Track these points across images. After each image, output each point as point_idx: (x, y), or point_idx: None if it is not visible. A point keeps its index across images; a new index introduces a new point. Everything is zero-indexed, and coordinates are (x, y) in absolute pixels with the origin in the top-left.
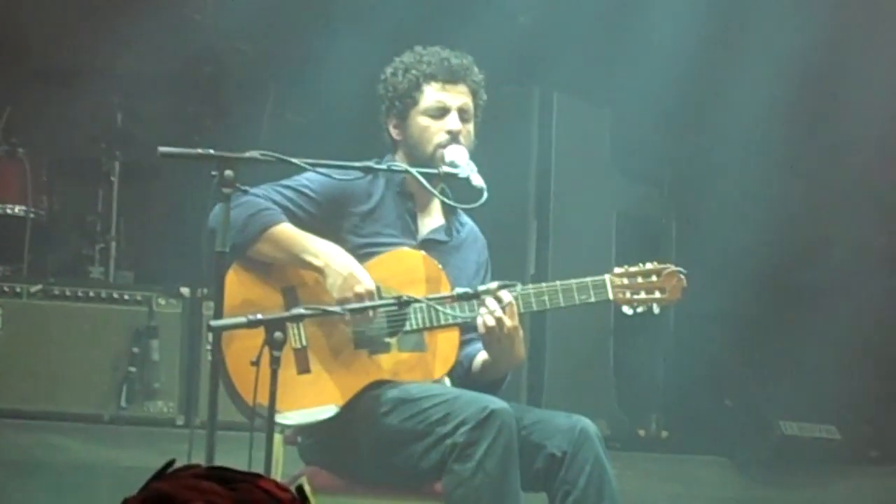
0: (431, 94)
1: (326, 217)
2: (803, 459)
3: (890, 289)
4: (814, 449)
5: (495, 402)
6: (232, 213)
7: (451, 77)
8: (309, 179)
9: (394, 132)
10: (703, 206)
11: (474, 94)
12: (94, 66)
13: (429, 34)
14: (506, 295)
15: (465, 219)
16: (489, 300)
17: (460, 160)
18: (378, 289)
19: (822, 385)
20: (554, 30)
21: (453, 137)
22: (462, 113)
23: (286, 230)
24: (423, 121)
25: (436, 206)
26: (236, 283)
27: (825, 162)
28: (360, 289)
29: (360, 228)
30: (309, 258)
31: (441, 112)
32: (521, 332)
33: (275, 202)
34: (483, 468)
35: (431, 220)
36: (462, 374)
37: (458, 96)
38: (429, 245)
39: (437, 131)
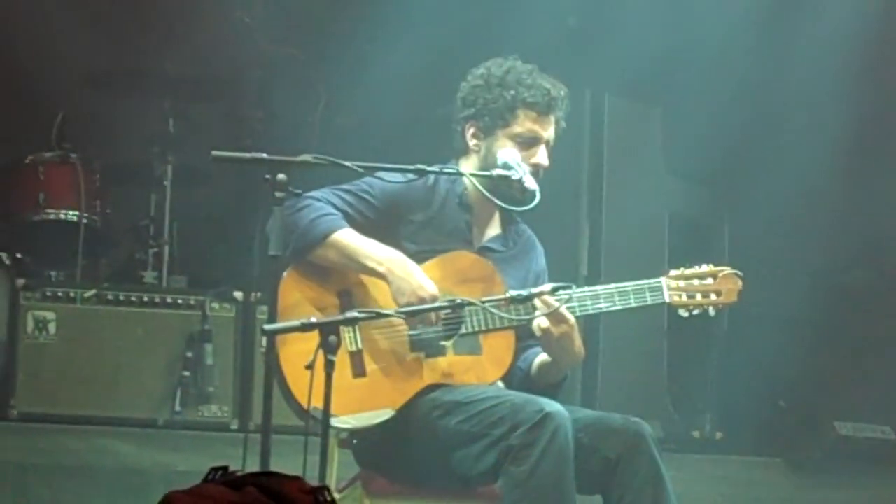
0: (526, 122)
1: (385, 222)
2: (858, 460)
3: None
4: (868, 449)
5: (550, 405)
6: (293, 217)
7: (547, 110)
8: (369, 184)
9: (471, 141)
10: (756, 206)
11: (557, 124)
12: (145, 70)
13: (480, 38)
14: (560, 296)
15: (524, 228)
16: (542, 303)
17: (513, 162)
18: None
19: (876, 385)
20: (603, 31)
21: (536, 171)
22: (548, 145)
23: (349, 235)
24: (510, 145)
25: (495, 217)
26: (292, 287)
27: (880, 161)
28: (422, 293)
29: (416, 235)
30: (372, 265)
31: (531, 142)
32: (577, 329)
33: (335, 206)
34: (539, 470)
35: (489, 231)
36: (521, 379)
37: (549, 128)
38: (485, 253)
39: (522, 161)
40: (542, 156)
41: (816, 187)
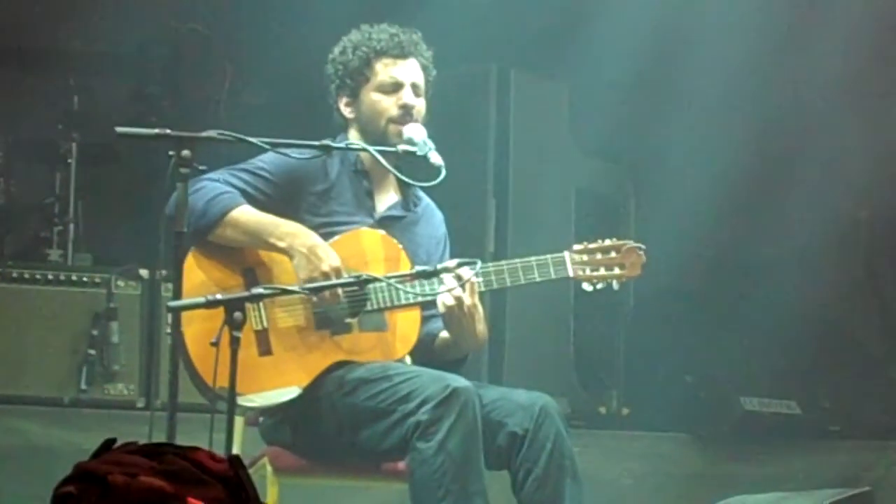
0: (383, 70)
1: (283, 198)
2: (764, 435)
3: (849, 264)
4: (774, 424)
5: (457, 380)
6: (189, 199)
7: (401, 52)
8: (264, 161)
9: (346, 110)
10: (662, 182)
11: (425, 70)
12: (49, 47)
13: (384, 13)
14: (465, 272)
15: (422, 194)
16: (448, 278)
17: (418, 137)
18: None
19: (782, 361)
20: (509, 6)
21: (406, 111)
22: (415, 88)
23: (247, 213)
24: (375, 97)
25: (392, 183)
26: (195, 265)
27: (783, 137)
28: (325, 266)
29: (317, 208)
30: (272, 240)
31: (394, 87)
32: (481, 311)
33: (232, 185)
34: (446, 446)
35: (388, 197)
36: (424, 352)
37: (409, 71)
38: (386, 221)
39: (390, 106)
40: (407, 96)
41: (724, 164)
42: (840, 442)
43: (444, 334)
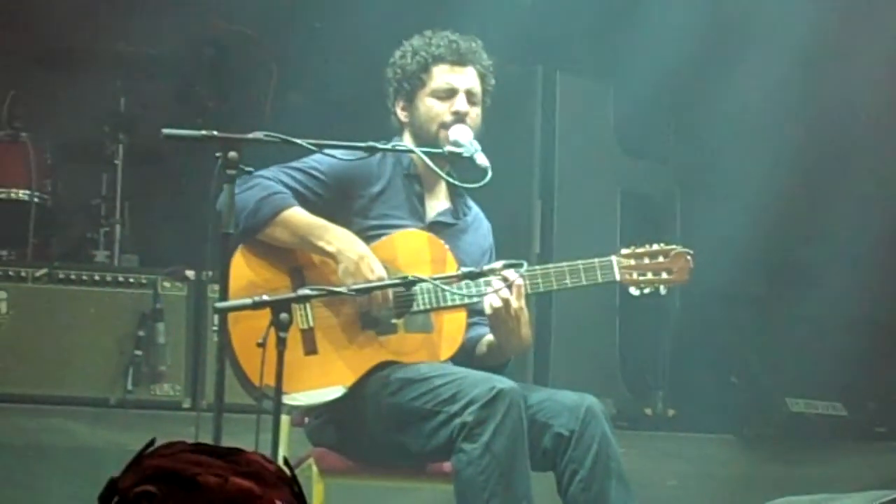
0: (440, 76)
1: (335, 199)
2: (810, 436)
3: (894, 263)
4: (820, 425)
5: (503, 382)
6: (242, 196)
7: (459, 59)
8: (318, 161)
9: (401, 114)
10: (708, 183)
11: (482, 78)
12: (96, 49)
13: (431, 14)
14: (512, 274)
15: (471, 203)
16: (495, 280)
17: (464, 139)
18: (385, 270)
19: (828, 362)
20: (555, 8)
21: (459, 118)
22: (469, 96)
23: (298, 214)
24: (430, 102)
25: (442, 189)
26: (242, 265)
27: (827, 137)
28: (370, 275)
29: (368, 210)
30: (321, 244)
31: (449, 94)
32: (527, 314)
33: (285, 185)
34: (492, 448)
35: (438, 203)
36: (465, 358)
37: (465, 78)
38: (436, 227)
39: (443, 112)
40: (460, 103)
41: (770, 166)
42: (886, 443)
43: (487, 340)
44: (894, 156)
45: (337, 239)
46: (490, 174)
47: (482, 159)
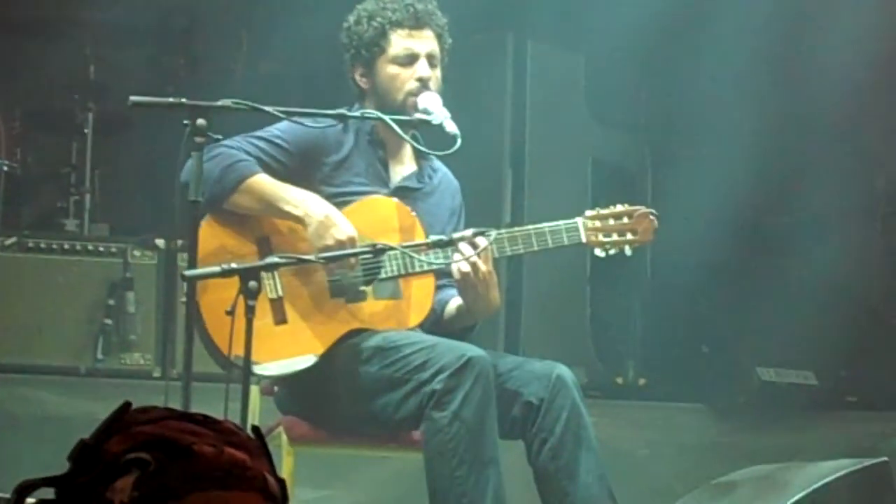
0: (399, 42)
1: (299, 167)
2: (780, 405)
3: (866, 234)
4: (791, 394)
5: (473, 350)
6: (205, 166)
7: (417, 23)
8: (281, 130)
9: (361, 81)
10: (679, 151)
11: (440, 38)
12: (65, 17)
13: None
14: (481, 240)
15: (438, 164)
16: (464, 246)
17: (433, 107)
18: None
19: (799, 331)
20: None
21: (423, 84)
22: (430, 59)
23: (262, 181)
24: (391, 69)
25: (407, 153)
26: (210, 234)
27: (801, 106)
28: (340, 234)
29: (332, 178)
30: (288, 208)
31: (409, 59)
32: (495, 278)
33: (248, 153)
34: (461, 415)
35: (403, 168)
36: (434, 321)
37: (425, 42)
38: (401, 192)
39: (407, 79)
40: (422, 68)
41: (737, 133)
42: (857, 412)
43: (454, 303)
44: (870, 123)
45: (302, 202)
46: (459, 141)
47: (451, 126)
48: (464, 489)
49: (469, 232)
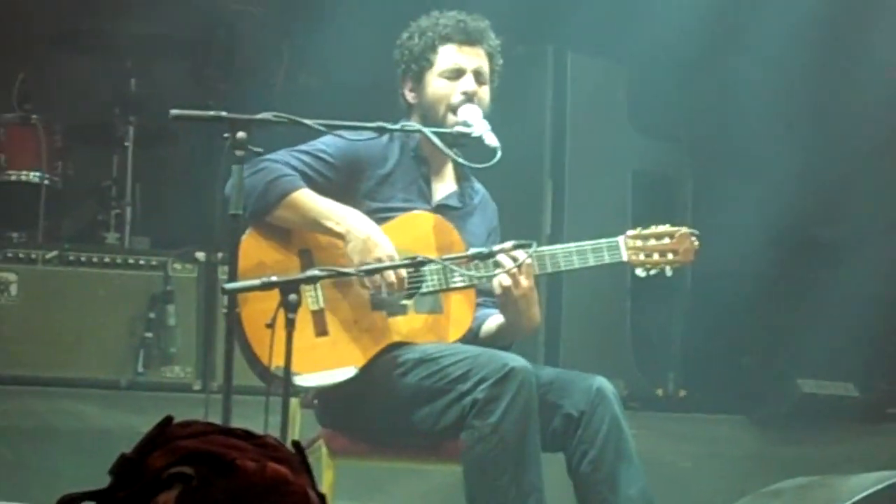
0: (447, 56)
1: (344, 181)
2: (821, 417)
3: None
4: (832, 406)
5: (515, 360)
6: (250, 180)
7: (467, 39)
8: (325, 144)
9: (409, 95)
10: (720, 163)
11: (490, 58)
12: (107, 30)
13: None
14: (521, 254)
15: (478, 186)
16: (504, 258)
17: (473, 119)
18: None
19: (840, 342)
20: None
21: (468, 98)
22: (477, 75)
23: (306, 196)
24: (438, 82)
25: (450, 173)
26: (253, 247)
27: (844, 117)
28: (380, 253)
29: (375, 192)
30: (330, 224)
31: (457, 74)
32: (536, 294)
33: (293, 167)
34: (502, 425)
35: (445, 186)
36: (469, 340)
37: (473, 58)
38: (442, 210)
39: (451, 92)
40: (467, 83)
41: (780, 143)
42: None
43: (492, 321)
44: None
45: (345, 219)
46: (499, 154)
47: (491, 139)
48: (505, 499)
49: (510, 244)
